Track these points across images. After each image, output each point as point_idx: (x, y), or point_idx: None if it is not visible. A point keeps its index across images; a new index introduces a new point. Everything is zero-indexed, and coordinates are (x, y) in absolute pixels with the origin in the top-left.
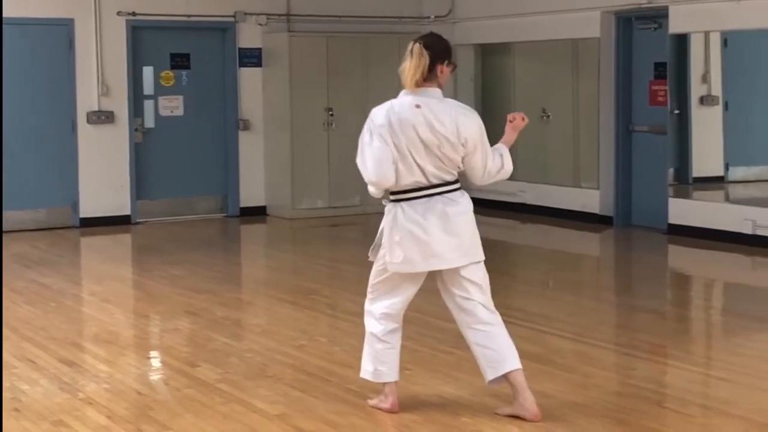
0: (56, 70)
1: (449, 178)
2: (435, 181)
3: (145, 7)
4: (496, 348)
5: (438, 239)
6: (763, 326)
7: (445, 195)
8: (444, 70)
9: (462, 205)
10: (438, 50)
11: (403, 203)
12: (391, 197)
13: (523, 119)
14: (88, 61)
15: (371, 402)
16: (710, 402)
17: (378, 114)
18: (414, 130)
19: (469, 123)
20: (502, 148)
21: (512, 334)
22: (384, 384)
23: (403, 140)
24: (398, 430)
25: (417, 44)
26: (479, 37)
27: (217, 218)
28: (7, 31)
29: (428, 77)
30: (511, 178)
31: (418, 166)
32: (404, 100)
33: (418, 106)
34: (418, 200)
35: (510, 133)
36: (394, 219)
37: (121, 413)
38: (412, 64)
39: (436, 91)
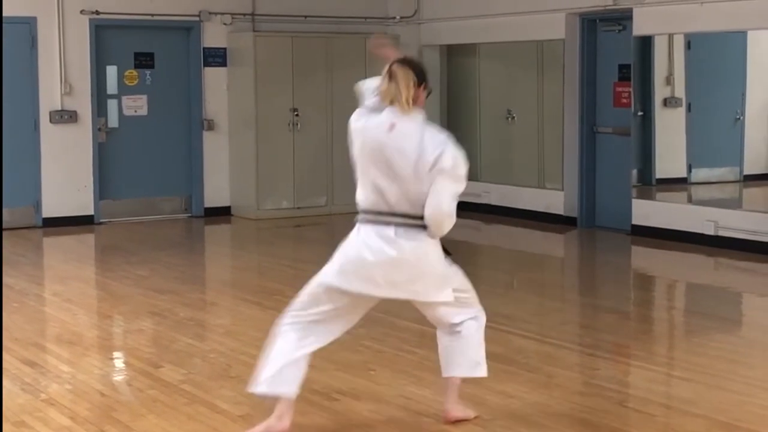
0: (18, 69)
1: (413, 211)
2: (397, 210)
3: (109, 6)
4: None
5: (379, 266)
6: (724, 326)
7: (403, 227)
8: (421, 94)
9: (417, 241)
10: (418, 72)
11: (362, 223)
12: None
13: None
14: (50, 60)
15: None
16: (672, 401)
17: (352, 119)
18: (381, 152)
19: (446, 155)
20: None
21: None
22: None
23: (368, 158)
24: (361, 429)
25: (398, 64)
26: (445, 38)
27: (181, 218)
28: None
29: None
30: (476, 178)
31: (380, 188)
32: (382, 117)
33: (392, 126)
34: (376, 224)
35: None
36: (350, 235)
37: (84, 414)
38: (402, 82)
39: (419, 115)
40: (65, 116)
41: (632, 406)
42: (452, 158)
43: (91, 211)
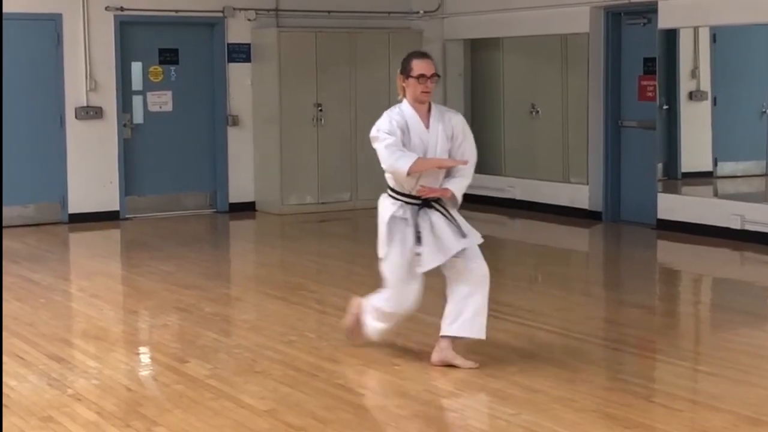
0: (44, 66)
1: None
2: None
3: (134, 2)
4: None
5: None
6: (750, 321)
7: None
8: (404, 82)
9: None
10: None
11: None
12: None
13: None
14: (76, 57)
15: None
16: (698, 396)
17: None
18: None
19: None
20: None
21: (500, 329)
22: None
23: None
24: (386, 424)
25: None
26: (468, 32)
27: (205, 214)
28: None
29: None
30: (500, 173)
31: None
32: None
33: None
34: None
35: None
36: None
37: (110, 409)
38: None
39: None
40: (91, 112)
41: (658, 401)
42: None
43: (116, 207)
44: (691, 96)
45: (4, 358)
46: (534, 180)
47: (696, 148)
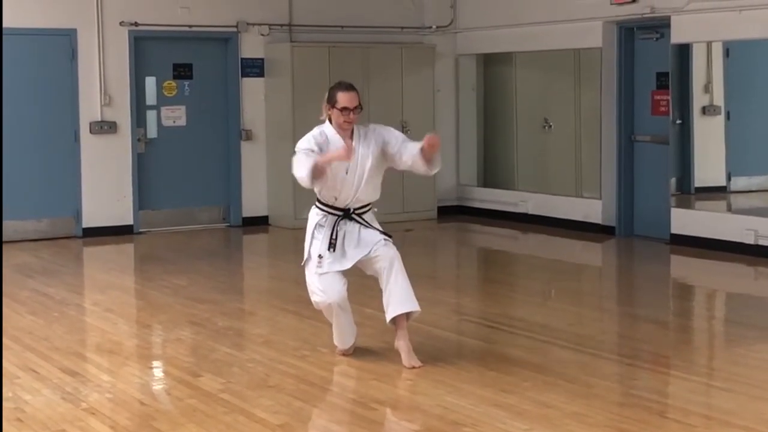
0: (59, 81)
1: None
2: None
3: (148, 18)
4: None
5: None
6: (764, 336)
7: None
8: (329, 110)
9: None
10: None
11: None
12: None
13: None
14: (90, 72)
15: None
16: (712, 412)
17: None
18: None
19: None
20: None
21: (513, 344)
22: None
23: None
24: None
25: None
26: (481, 46)
27: (219, 228)
28: (10, 41)
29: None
30: (513, 187)
31: None
32: None
33: None
34: None
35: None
36: None
37: (124, 423)
38: None
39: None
40: (105, 127)
41: (672, 416)
42: None
43: (130, 221)
44: (705, 111)
45: (19, 373)
46: (547, 194)
47: (709, 163)
